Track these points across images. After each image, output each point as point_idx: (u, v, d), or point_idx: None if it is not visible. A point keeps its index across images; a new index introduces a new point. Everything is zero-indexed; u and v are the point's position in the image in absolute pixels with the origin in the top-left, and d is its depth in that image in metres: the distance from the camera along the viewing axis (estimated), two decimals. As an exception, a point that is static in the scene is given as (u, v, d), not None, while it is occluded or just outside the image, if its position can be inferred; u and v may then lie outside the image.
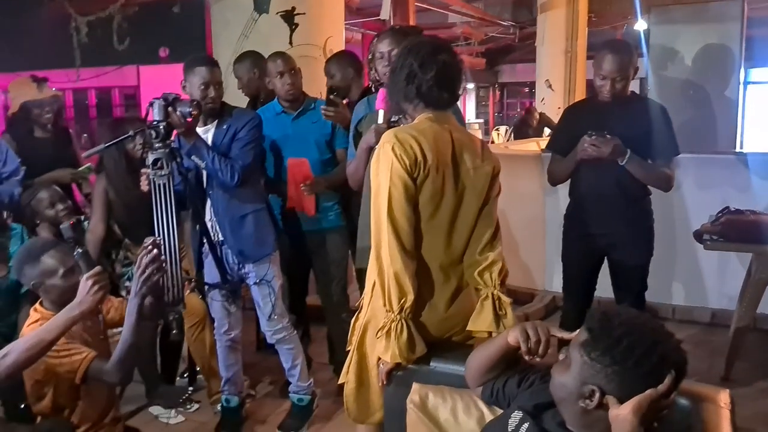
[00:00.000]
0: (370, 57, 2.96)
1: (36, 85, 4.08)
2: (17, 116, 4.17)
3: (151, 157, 2.94)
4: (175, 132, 3.05)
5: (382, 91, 2.70)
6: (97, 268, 2.28)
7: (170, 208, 2.93)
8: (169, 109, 2.94)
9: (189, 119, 2.97)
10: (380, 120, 2.71)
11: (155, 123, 2.93)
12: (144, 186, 3.04)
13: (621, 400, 1.47)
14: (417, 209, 2.17)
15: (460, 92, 2.31)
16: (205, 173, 3.22)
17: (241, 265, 3.31)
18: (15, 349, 2.20)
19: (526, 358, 1.72)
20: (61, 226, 2.43)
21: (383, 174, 2.14)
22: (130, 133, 3.18)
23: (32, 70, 4.50)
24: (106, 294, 2.29)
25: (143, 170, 3.04)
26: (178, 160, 3.02)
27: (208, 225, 3.26)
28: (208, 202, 3.27)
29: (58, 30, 6.64)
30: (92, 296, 2.23)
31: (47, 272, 2.53)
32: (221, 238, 3.27)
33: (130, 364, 2.43)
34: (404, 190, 2.12)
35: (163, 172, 2.92)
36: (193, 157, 3.10)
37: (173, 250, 2.95)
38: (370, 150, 2.67)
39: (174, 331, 3.12)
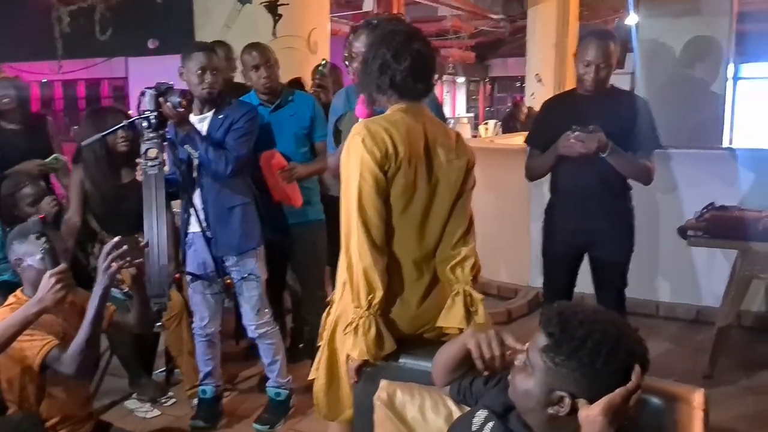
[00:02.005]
0: (346, 54, 2.90)
1: None
2: None
3: (143, 147, 2.93)
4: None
5: (362, 99, 2.63)
6: (62, 266, 2.23)
7: (160, 199, 2.92)
8: (160, 99, 2.91)
9: (179, 109, 2.93)
10: None
11: (146, 113, 2.91)
12: (139, 176, 3.02)
13: (591, 401, 1.42)
14: (388, 203, 2.11)
15: (434, 82, 2.25)
16: (195, 163, 3.17)
17: (224, 258, 3.26)
18: None
19: (483, 372, 1.69)
20: (29, 220, 2.38)
21: (353, 167, 2.08)
22: (124, 122, 3.14)
23: (12, 60, 4.41)
24: (68, 293, 2.23)
25: (137, 160, 3.01)
26: (175, 150, 3.01)
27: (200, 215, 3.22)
28: (197, 192, 3.22)
29: (40, 20, 6.54)
30: (53, 294, 2.18)
31: (28, 252, 2.49)
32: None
33: (87, 356, 2.38)
34: (374, 183, 2.06)
35: (153, 163, 2.91)
36: (186, 147, 3.06)
37: (161, 241, 2.92)
38: None
39: (158, 323, 3.09)
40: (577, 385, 1.42)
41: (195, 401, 3.53)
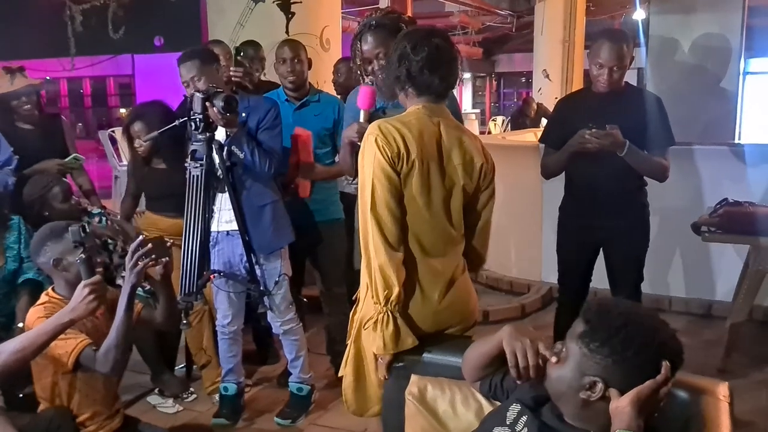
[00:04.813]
0: (358, 62, 2.94)
1: (9, 76, 3.99)
2: None
3: (190, 148, 3.03)
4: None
5: (363, 89, 2.67)
6: (96, 277, 2.27)
7: (200, 199, 3.00)
8: (207, 103, 2.97)
9: (224, 113, 2.98)
10: (361, 119, 2.67)
11: (194, 115, 2.99)
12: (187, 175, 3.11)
13: (622, 392, 1.47)
14: (402, 202, 2.16)
15: (454, 80, 2.27)
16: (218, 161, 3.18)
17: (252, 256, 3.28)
18: (4, 351, 2.20)
19: (517, 381, 1.71)
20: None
21: (368, 167, 2.13)
22: (176, 122, 3.20)
23: (27, 58, 4.44)
24: (100, 305, 2.28)
25: (188, 160, 3.11)
26: (222, 152, 3.08)
27: (228, 214, 3.24)
28: (227, 192, 3.22)
29: (53, 18, 6.58)
30: (86, 305, 2.22)
31: (69, 250, 2.53)
32: (235, 228, 3.23)
33: (120, 355, 2.43)
34: (388, 182, 2.11)
35: (197, 164, 2.99)
36: (233, 147, 3.10)
37: (197, 242, 3.00)
38: (353, 145, 2.66)
39: (184, 322, 3.17)
40: (609, 373, 1.48)
41: (216, 397, 3.58)
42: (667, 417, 1.60)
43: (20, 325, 3.11)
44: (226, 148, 3.10)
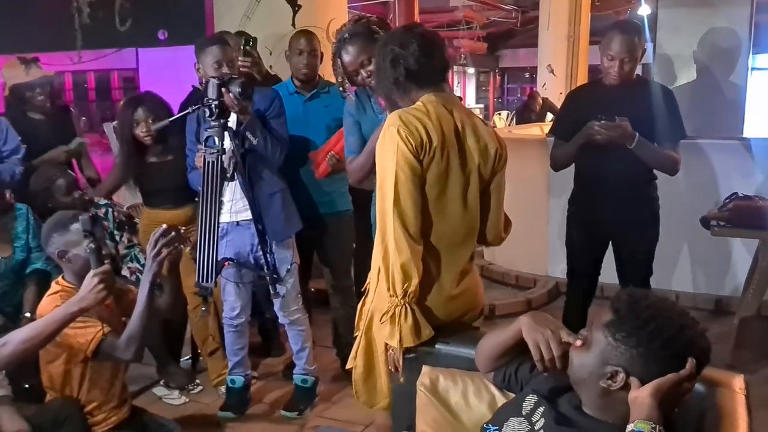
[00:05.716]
0: (340, 80, 2.92)
1: (24, 66, 4.01)
2: (9, 99, 4.11)
3: (204, 135, 3.03)
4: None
5: None
6: (106, 267, 2.26)
7: (216, 185, 3.00)
8: (223, 89, 2.96)
9: (240, 99, 2.97)
10: None
11: (209, 101, 2.98)
12: (198, 163, 3.10)
13: (643, 383, 1.46)
14: (423, 192, 2.15)
15: (448, 63, 2.30)
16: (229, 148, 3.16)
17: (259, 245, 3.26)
18: (13, 340, 2.19)
19: (543, 373, 1.69)
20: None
21: (389, 157, 2.11)
22: (189, 110, 3.21)
23: (33, 51, 4.42)
24: (110, 294, 2.27)
25: (199, 147, 3.12)
26: (237, 140, 3.07)
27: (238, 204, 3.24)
28: (238, 180, 3.20)
29: (60, 11, 6.56)
30: (95, 294, 2.21)
31: (73, 242, 2.54)
32: (246, 218, 3.22)
33: (141, 342, 2.45)
34: (411, 172, 2.09)
35: (212, 150, 2.99)
36: (246, 134, 3.10)
37: (213, 228, 3.00)
38: None
39: (203, 309, 3.22)
40: (633, 364, 1.46)
41: (222, 389, 3.57)
42: (683, 409, 1.58)
43: (27, 314, 3.11)
44: (240, 135, 3.09)
